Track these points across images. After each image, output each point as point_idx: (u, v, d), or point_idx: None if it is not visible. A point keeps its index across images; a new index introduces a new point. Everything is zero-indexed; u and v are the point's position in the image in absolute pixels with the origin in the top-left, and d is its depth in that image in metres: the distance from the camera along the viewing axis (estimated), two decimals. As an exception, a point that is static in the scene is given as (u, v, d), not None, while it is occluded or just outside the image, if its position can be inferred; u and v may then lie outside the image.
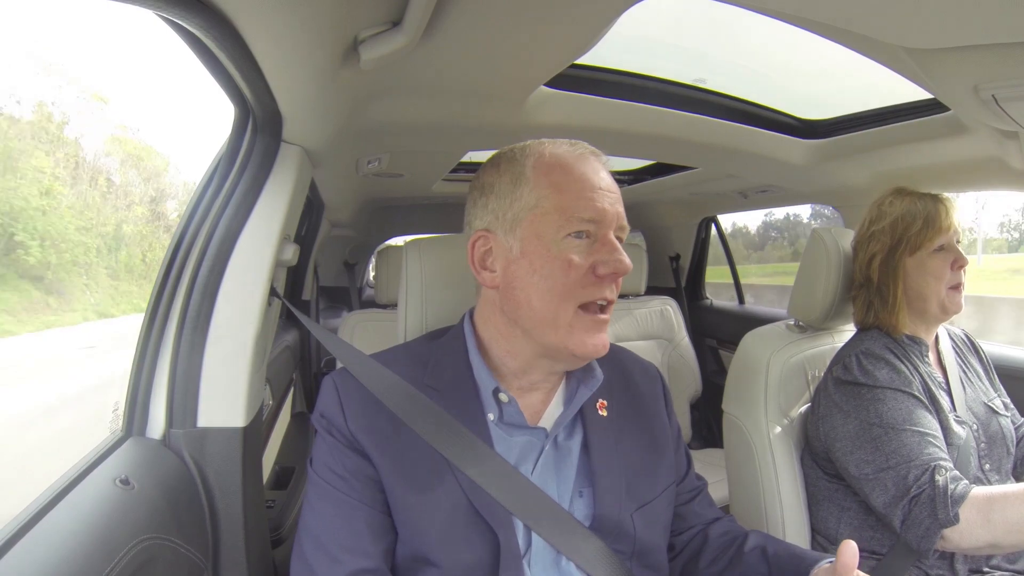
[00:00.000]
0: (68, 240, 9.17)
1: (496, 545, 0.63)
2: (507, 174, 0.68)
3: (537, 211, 0.65)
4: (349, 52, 0.76)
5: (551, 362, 0.69)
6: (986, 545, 0.83)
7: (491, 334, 0.71)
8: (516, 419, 0.69)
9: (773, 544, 0.73)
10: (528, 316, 0.65)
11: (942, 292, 0.98)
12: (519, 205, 0.66)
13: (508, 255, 0.66)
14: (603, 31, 0.85)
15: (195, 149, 21.56)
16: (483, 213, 0.69)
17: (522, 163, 0.67)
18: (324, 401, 0.69)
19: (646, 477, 0.72)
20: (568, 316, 0.64)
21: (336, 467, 0.65)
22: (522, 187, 0.66)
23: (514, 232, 0.66)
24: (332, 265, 2.94)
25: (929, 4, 0.63)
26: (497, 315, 0.69)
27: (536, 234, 0.64)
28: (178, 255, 0.84)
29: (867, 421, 0.93)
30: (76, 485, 0.64)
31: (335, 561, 0.62)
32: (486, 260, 0.69)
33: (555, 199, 0.64)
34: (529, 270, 0.64)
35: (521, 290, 0.65)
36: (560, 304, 0.64)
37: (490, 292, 0.70)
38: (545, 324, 0.64)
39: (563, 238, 0.64)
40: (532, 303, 0.64)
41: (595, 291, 0.64)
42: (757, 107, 1.40)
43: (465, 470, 0.64)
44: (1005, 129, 0.96)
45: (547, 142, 0.69)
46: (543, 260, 0.64)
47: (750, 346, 1.14)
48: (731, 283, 2.60)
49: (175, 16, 0.55)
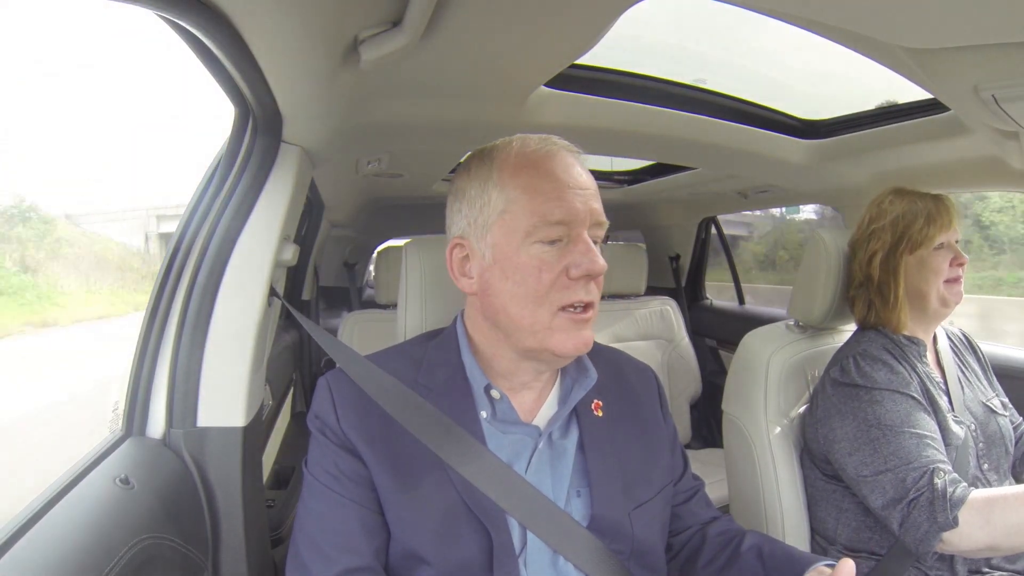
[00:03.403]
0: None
1: (489, 543, 0.63)
2: (476, 178, 0.67)
3: (506, 216, 0.63)
4: (349, 52, 0.76)
5: (535, 364, 0.69)
6: (985, 548, 0.83)
7: (478, 336, 0.71)
8: (509, 415, 0.69)
9: (770, 544, 0.73)
10: (506, 322, 0.65)
11: (941, 287, 0.98)
12: (488, 211, 0.65)
13: (482, 262, 0.66)
14: (603, 31, 0.85)
15: (195, 149, 21.52)
16: (458, 219, 0.68)
17: (489, 165, 0.66)
18: (318, 402, 0.69)
19: (643, 477, 0.72)
20: (546, 320, 0.63)
21: (329, 467, 0.66)
22: (490, 192, 0.65)
23: (485, 239, 0.65)
24: (332, 265, 2.94)
25: (929, 4, 0.63)
26: (480, 319, 0.70)
27: (506, 240, 0.63)
28: (178, 255, 0.84)
29: (865, 423, 0.92)
30: (76, 484, 0.64)
31: (328, 560, 0.62)
32: (464, 267, 0.68)
33: (523, 202, 0.63)
34: (501, 277, 0.64)
35: (496, 297, 0.65)
36: (535, 310, 0.63)
37: (472, 297, 0.70)
38: (522, 330, 0.64)
39: (533, 243, 0.62)
40: (508, 310, 0.64)
41: (570, 294, 0.63)
42: (757, 107, 1.39)
43: (458, 468, 0.64)
44: (1005, 129, 0.96)
45: (517, 139, 0.68)
46: (514, 267, 0.63)
47: (750, 346, 1.14)
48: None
49: (175, 16, 0.55)
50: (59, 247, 9.26)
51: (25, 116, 25.67)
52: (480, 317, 0.69)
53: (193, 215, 0.87)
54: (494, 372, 0.70)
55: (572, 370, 0.72)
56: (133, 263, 10.06)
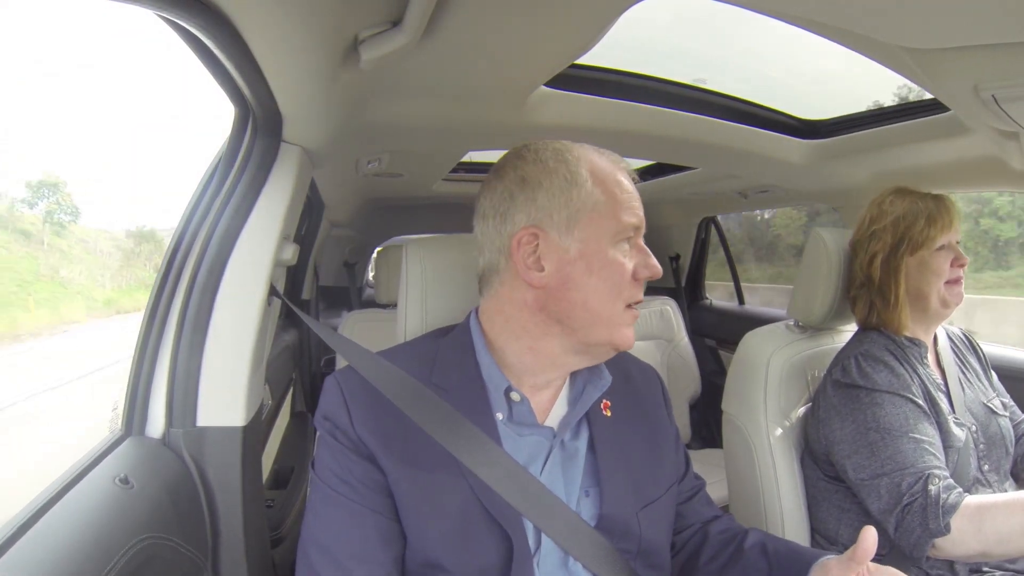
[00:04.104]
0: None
1: (508, 546, 0.62)
2: (558, 173, 0.66)
3: (595, 214, 0.65)
4: (349, 52, 0.76)
5: (581, 358, 0.70)
6: (977, 554, 0.84)
7: (508, 332, 0.69)
8: (526, 418, 0.68)
9: (773, 541, 0.74)
10: (582, 316, 0.66)
11: (942, 288, 0.98)
12: (575, 206, 0.65)
13: (564, 255, 0.65)
14: (603, 31, 0.85)
15: (194, 148, 21.46)
16: (528, 208, 0.66)
17: (575, 165, 0.67)
18: (328, 402, 0.67)
19: (650, 476, 0.72)
20: (619, 314, 0.66)
21: (342, 473, 0.64)
22: (578, 188, 0.66)
23: (571, 232, 0.65)
24: (332, 265, 2.94)
25: (929, 4, 0.63)
26: (527, 313, 0.67)
27: (596, 237, 0.65)
28: (178, 254, 0.84)
29: (864, 425, 0.93)
30: (75, 484, 0.64)
31: (343, 570, 0.61)
32: (531, 258, 0.66)
33: (611, 205, 0.66)
34: (586, 271, 0.65)
35: (577, 291, 0.65)
36: (614, 304, 0.66)
37: (521, 290, 0.67)
38: (599, 323, 0.66)
39: (617, 243, 0.66)
40: (589, 303, 0.65)
41: (636, 292, 0.67)
42: (757, 107, 1.39)
43: (476, 470, 0.63)
44: (1005, 129, 0.96)
45: (587, 147, 0.71)
46: (602, 263, 0.65)
47: (750, 346, 1.14)
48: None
49: (175, 16, 0.55)
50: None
51: (25, 116, 25.45)
52: (530, 311, 0.67)
53: (193, 215, 0.87)
54: (516, 371, 0.70)
55: (584, 371, 0.72)
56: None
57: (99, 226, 9.36)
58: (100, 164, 31.51)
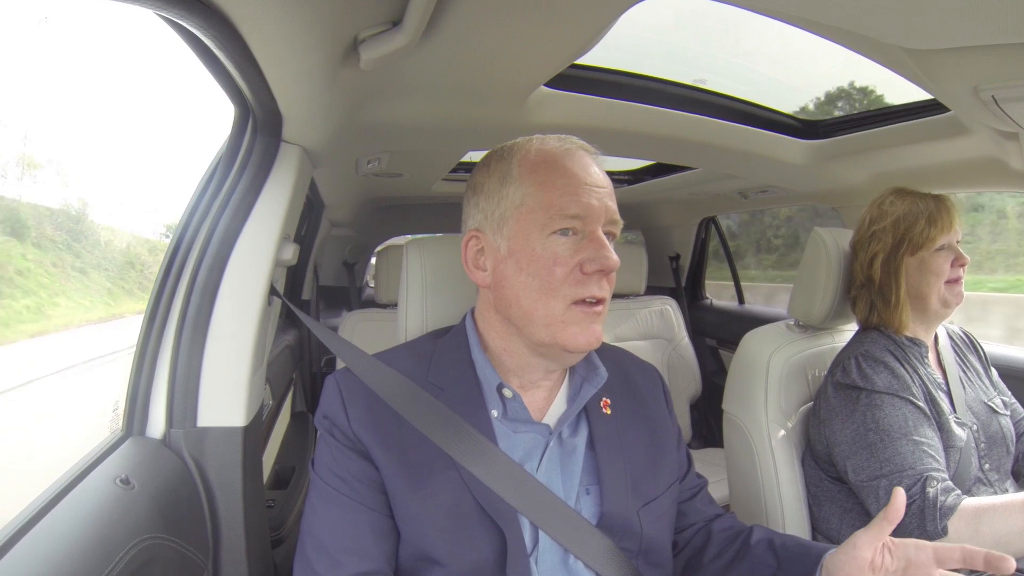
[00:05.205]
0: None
1: (502, 543, 0.62)
2: (495, 173, 0.68)
3: (522, 209, 0.65)
4: (349, 52, 0.76)
5: (545, 360, 0.69)
6: None
7: (489, 332, 0.71)
8: (520, 414, 0.69)
9: (779, 537, 0.74)
10: (518, 314, 0.65)
11: (942, 288, 0.98)
12: (505, 204, 0.66)
13: (496, 254, 0.67)
14: (603, 31, 0.85)
15: (194, 148, 21.40)
16: (475, 212, 0.70)
17: (509, 161, 0.68)
18: (327, 402, 0.69)
19: (651, 474, 0.72)
20: (558, 313, 0.64)
21: (338, 470, 0.65)
22: (508, 185, 0.66)
23: (501, 231, 0.66)
24: (332, 265, 2.94)
25: (929, 4, 0.63)
26: (492, 313, 0.70)
27: (522, 232, 0.64)
28: (178, 254, 0.84)
29: (864, 426, 0.93)
30: (76, 485, 0.64)
31: (337, 564, 0.62)
32: (479, 259, 0.69)
33: (540, 196, 0.64)
34: (516, 269, 0.65)
35: (509, 288, 0.65)
36: (548, 302, 0.64)
37: (485, 291, 0.70)
38: (535, 322, 0.65)
39: (548, 236, 0.63)
40: (521, 302, 0.65)
41: (583, 289, 0.64)
42: (757, 107, 1.39)
43: (470, 467, 0.64)
44: (1005, 130, 0.96)
45: (536, 139, 0.69)
46: (529, 259, 0.64)
47: (750, 346, 1.14)
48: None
49: (175, 16, 0.55)
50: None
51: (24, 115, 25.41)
52: (492, 311, 0.70)
53: (193, 214, 0.87)
54: (506, 369, 0.70)
55: (582, 368, 0.72)
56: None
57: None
58: (100, 165, 31.00)
